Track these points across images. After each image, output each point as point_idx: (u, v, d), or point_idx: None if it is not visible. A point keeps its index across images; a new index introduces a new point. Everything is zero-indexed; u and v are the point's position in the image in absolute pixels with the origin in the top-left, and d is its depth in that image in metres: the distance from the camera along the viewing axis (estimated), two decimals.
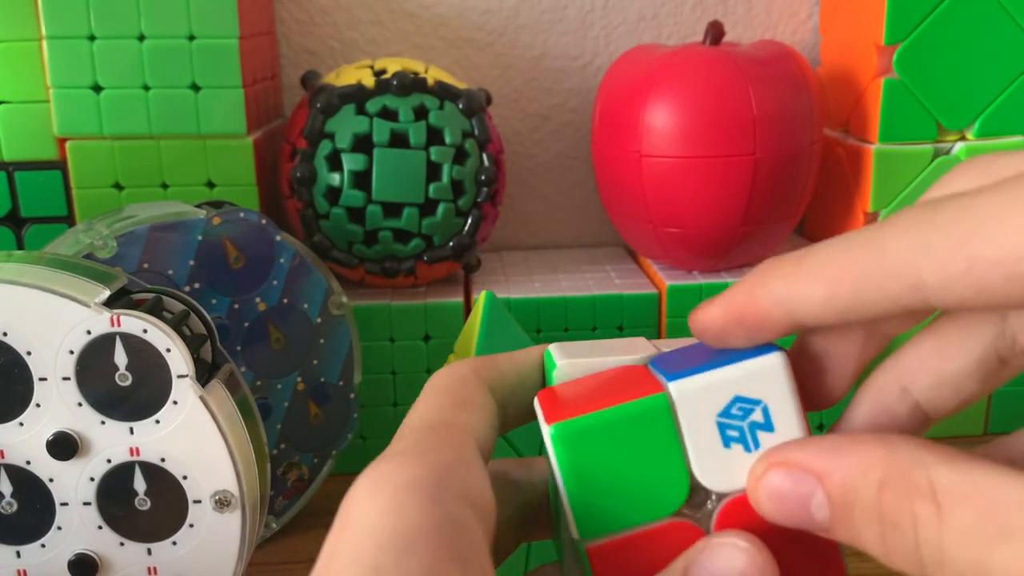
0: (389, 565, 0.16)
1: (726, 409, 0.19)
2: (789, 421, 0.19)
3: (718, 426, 0.19)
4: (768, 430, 0.19)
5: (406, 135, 0.42)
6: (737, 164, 0.43)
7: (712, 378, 0.19)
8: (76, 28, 0.41)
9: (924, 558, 0.16)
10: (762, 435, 0.19)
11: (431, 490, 0.18)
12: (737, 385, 0.19)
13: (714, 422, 0.19)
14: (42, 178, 0.43)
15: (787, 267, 0.19)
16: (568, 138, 0.55)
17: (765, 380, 0.19)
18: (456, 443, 0.20)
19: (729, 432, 0.20)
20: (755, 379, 0.19)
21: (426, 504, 0.17)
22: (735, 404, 0.19)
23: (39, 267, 0.30)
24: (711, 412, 0.19)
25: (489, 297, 0.36)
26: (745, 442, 0.20)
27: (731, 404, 0.19)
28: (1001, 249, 0.16)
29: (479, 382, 0.22)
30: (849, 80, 0.48)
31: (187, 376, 0.30)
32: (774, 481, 0.18)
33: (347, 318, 0.40)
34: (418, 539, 0.17)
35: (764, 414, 0.19)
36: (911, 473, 0.16)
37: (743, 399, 0.19)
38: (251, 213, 0.38)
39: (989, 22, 0.44)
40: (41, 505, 0.31)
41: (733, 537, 0.19)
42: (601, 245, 0.56)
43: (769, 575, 0.18)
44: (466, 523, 0.18)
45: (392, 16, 0.53)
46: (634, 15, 0.54)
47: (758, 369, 0.19)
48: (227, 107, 0.43)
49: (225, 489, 0.31)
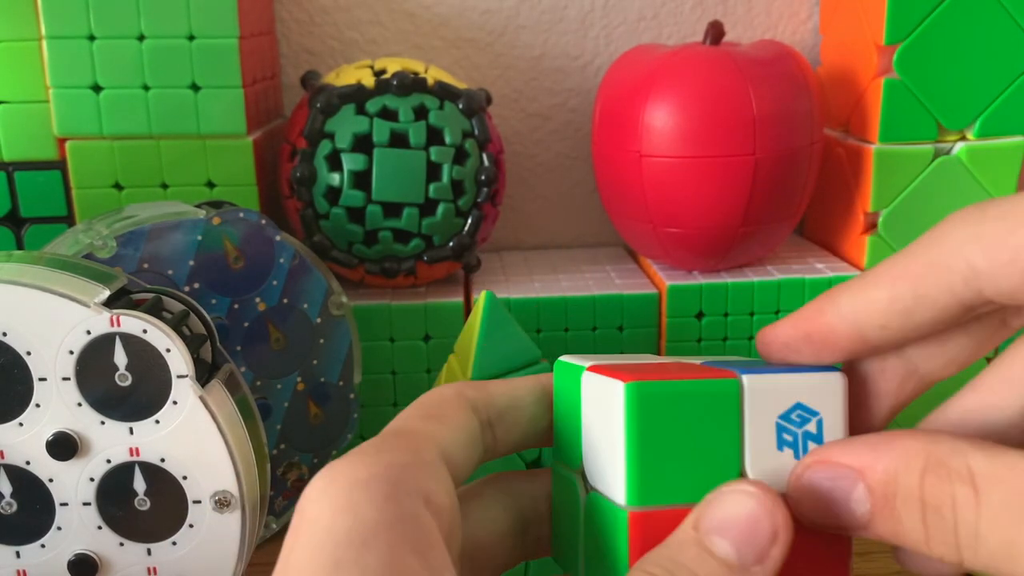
0: (348, 560, 0.17)
1: (787, 412, 0.20)
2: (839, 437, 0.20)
3: (776, 427, 0.20)
4: (818, 442, 0.20)
5: (406, 135, 0.42)
6: (737, 164, 0.43)
7: (781, 380, 0.20)
8: (76, 28, 0.41)
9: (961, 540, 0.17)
10: (812, 446, 0.20)
11: (386, 488, 0.18)
12: (801, 393, 0.20)
13: (774, 422, 0.20)
14: (42, 178, 0.43)
15: (854, 281, 0.20)
16: (568, 138, 0.55)
17: (826, 394, 0.20)
18: (414, 447, 0.20)
19: (785, 435, 0.20)
20: (818, 391, 0.20)
21: (380, 501, 0.18)
22: (796, 410, 0.20)
23: (39, 267, 0.30)
24: (774, 411, 0.20)
25: (489, 297, 0.36)
26: (796, 448, 0.20)
27: (792, 409, 0.20)
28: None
29: (460, 400, 0.22)
30: (849, 80, 0.48)
31: (187, 376, 0.30)
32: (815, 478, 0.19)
33: (347, 318, 0.40)
34: (375, 534, 0.17)
35: (818, 426, 0.20)
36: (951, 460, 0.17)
37: (804, 407, 0.20)
38: (251, 213, 0.38)
39: (989, 22, 0.44)
40: (41, 505, 0.31)
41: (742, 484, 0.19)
42: (601, 245, 0.56)
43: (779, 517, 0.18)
44: (421, 519, 0.18)
45: (392, 16, 0.53)
46: (634, 15, 0.54)
47: (822, 383, 0.20)
48: (227, 107, 0.43)
49: (225, 489, 0.31)
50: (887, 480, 0.18)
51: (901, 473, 0.18)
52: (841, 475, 0.19)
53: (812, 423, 0.20)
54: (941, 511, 0.17)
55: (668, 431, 0.20)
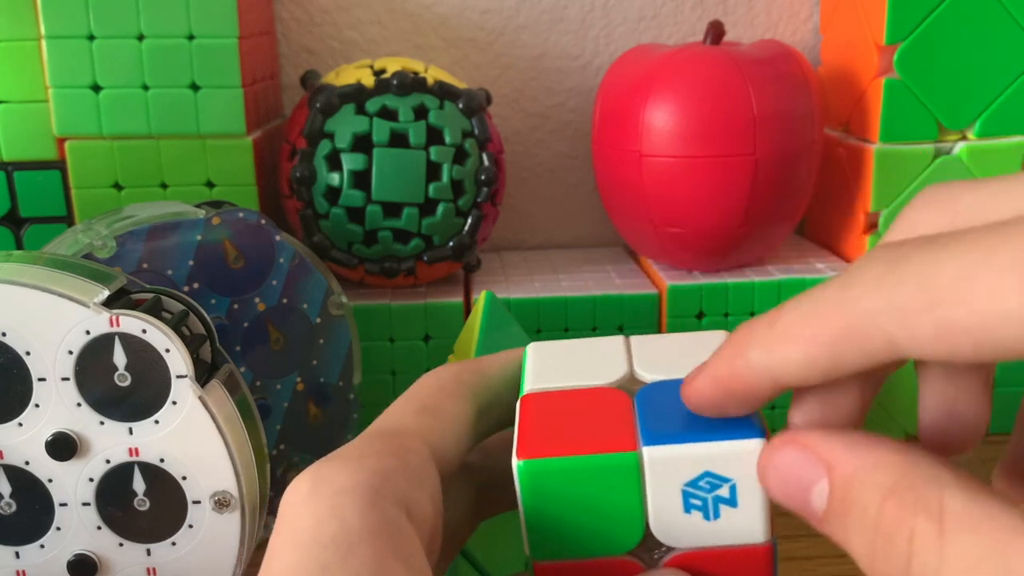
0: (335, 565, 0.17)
1: (694, 480, 0.20)
2: (756, 499, 0.19)
3: (683, 494, 0.20)
4: (731, 505, 0.20)
5: (406, 135, 0.42)
6: (737, 164, 0.43)
7: (687, 451, 0.19)
8: (75, 28, 0.41)
9: None
10: (724, 508, 0.20)
11: (369, 495, 0.18)
12: (711, 462, 0.19)
13: (680, 489, 0.20)
14: (41, 178, 0.43)
15: (760, 332, 0.18)
16: (568, 138, 0.55)
17: (740, 462, 0.19)
18: (401, 450, 0.20)
19: (692, 500, 0.20)
20: (730, 459, 0.19)
21: (364, 508, 0.18)
22: (704, 478, 0.20)
23: (38, 267, 0.30)
24: (679, 480, 0.20)
25: (489, 297, 0.36)
26: (706, 511, 0.20)
27: (700, 477, 0.20)
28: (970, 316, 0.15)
29: (459, 387, 0.22)
30: (849, 80, 0.48)
31: (186, 376, 0.29)
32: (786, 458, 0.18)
33: (347, 318, 0.40)
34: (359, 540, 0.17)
35: (731, 491, 0.20)
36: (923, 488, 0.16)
37: (713, 475, 0.19)
38: (251, 213, 0.38)
39: (989, 22, 0.44)
40: (40, 506, 0.31)
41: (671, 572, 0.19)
42: (601, 245, 0.56)
43: None
44: (402, 527, 0.18)
45: (392, 16, 0.53)
46: (634, 15, 0.54)
47: (736, 451, 0.19)
48: (227, 107, 0.43)
49: (224, 490, 0.31)
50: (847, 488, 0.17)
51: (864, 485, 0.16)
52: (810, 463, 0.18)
53: (724, 488, 0.19)
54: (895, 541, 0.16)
55: (567, 500, 0.20)
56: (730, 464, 0.19)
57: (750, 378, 0.19)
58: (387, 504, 0.18)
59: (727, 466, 0.19)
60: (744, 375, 0.19)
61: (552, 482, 0.20)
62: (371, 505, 0.18)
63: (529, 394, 0.22)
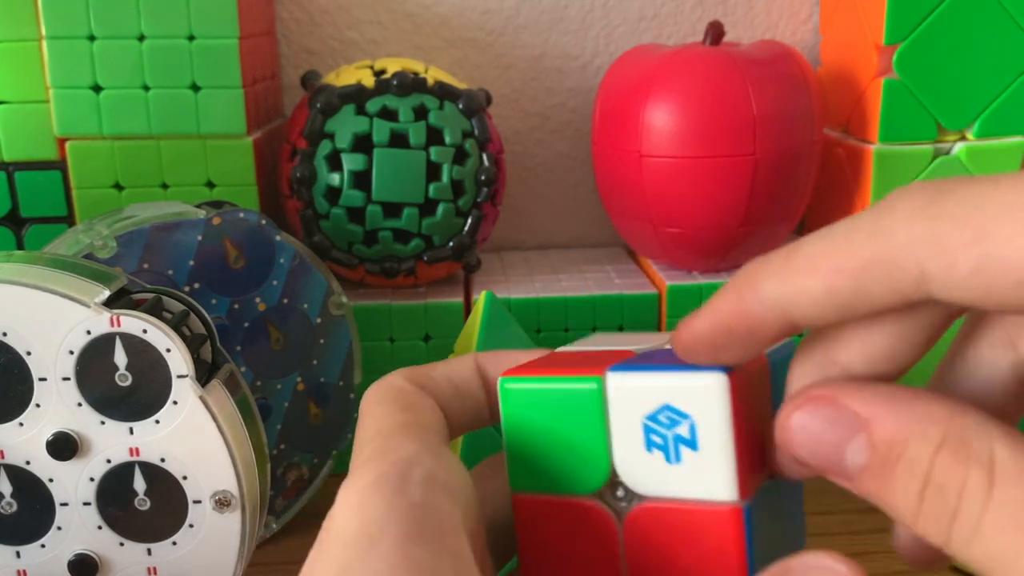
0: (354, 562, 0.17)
1: (654, 414, 0.19)
2: (718, 445, 0.19)
3: (644, 428, 0.19)
4: (692, 447, 0.19)
5: (406, 135, 0.42)
6: (737, 164, 0.43)
7: (648, 380, 0.19)
8: (76, 28, 0.41)
9: (956, 528, 0.15)
10: (685, 451, 0.19)
11: (394, 483, 0.18)
12: (669, 394, 0.19)
13: (640, 423, 0.19)
14: (42, 178, 0.43)
15: (776, 264, 0.17)
16: (568, 138, 0.55)
17: (699, 397, 0.19)
18: (415, 436, 0.20)
19: (653, 437, 0.19)
20: (689, 393, 0.19)
21: (388, 497, 0.18)
22: (664, 411, 0.19)
23: (39, 267, 0.30)
24: (640, 412, 0.19)
25: (489, 297, 0.36)
26: (667, 452, 0.19)
27: (660, 410, 0.19)
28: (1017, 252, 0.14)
29: (415, 388, 0.22)
30: (849, 80, 0.48)
31: (187, 376, 0.29)
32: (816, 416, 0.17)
33: (347, 318, 0.40)
34: (381, 532, 0.17)
35: (691, 431, 0.19)
36: (974, 440, 0.15)
37: (672, 409, 0.19)
38: (251, 213, 0.38)
39: (989, 22, 0.44)
40: (41, 505, 0.31)
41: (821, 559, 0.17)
42: (601, 245, 0.56)
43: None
44: (434, 505, 0.18)
45: (392, 16, 0.53)
46: (634, 15, 0.54)
47: (695, 385, 0.19)
48: (227, 107, 0.43)
49: (225, 489, 0.31)
50: (895, 441, 0.16)
51: (915, 439, 0.16)
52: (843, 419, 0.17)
53: (684, 426, 0.19)
54: (946, 492, 0.15)
55: (539, 425, 0.20)
56: (690, 398, 0.19)
57: (758, 312, 0.17)
58: (414, 486, 0.18)
59: (687, 400, 0.19)
60: (751, 309, 0.17)
61: (525, 403, 0.21)
62: (397, 492, 0.18)
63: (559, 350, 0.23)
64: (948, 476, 0.15)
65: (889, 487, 0.16)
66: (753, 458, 0.19)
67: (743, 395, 0.19)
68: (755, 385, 0.20)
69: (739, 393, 0.19)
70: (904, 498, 0.16)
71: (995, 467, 0.15)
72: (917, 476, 0.16)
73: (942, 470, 0.15)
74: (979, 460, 0.15)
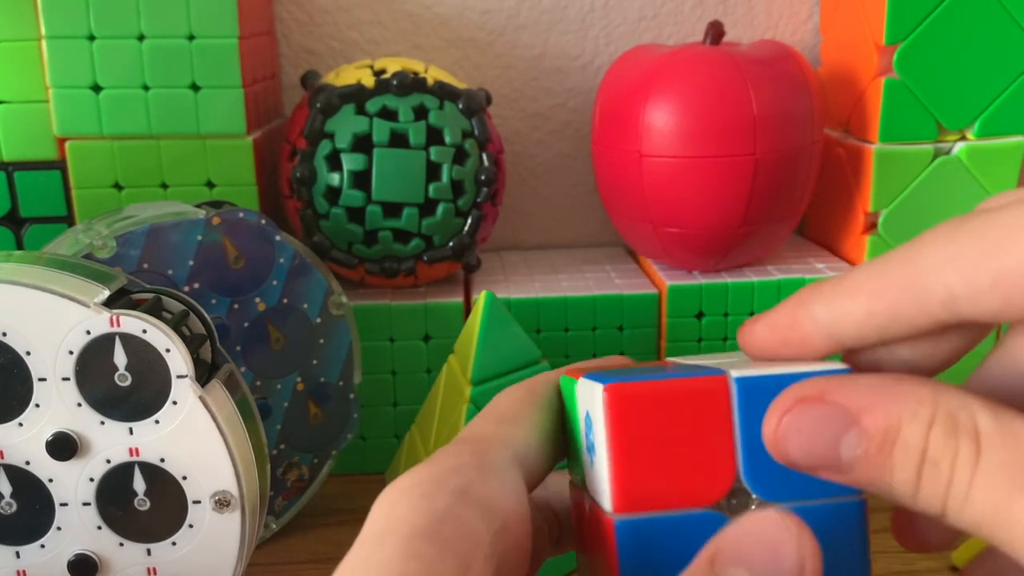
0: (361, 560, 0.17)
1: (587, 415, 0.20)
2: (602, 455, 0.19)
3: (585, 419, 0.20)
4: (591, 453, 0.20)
5: (406, 135, 0.42)
6: (737, 164, 0.43)
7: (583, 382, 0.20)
8: (76, 28, 0.41)
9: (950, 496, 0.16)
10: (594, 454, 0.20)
11: (426, 488, 0.18)
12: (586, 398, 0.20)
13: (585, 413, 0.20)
14: (42, 178, 0.43)
15: (827, 288, 0.20)
16: (568, 138, 0.55)
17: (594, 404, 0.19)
18: (478, 450, 0.20)
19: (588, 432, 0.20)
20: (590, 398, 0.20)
21: (417, 500, 0.18)
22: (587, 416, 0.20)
23: (38, 267, 0.30)
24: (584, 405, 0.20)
25: (489, 297, 0.36)
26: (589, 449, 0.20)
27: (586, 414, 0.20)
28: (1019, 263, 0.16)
29: (533, 397, 0.22)
30: (849, 80, 0.48)
31: (187, 376, 0.29)
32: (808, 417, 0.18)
33: (347, 318, 0.40)
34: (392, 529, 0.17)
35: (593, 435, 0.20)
36: (959, 414, 0.17)
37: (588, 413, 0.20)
38: (251, 213, 0.38)
39: (989, 22, 0.44)
40: (40, 505, 0.31)
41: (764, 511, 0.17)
42: (601, 245, 0.56)
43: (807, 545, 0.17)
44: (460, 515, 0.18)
45: (392, 16, 0.53)
46: (634, 15, 0.54)
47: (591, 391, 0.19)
48: (227, 107, 0.43)
49: (225, 489, 0.31)
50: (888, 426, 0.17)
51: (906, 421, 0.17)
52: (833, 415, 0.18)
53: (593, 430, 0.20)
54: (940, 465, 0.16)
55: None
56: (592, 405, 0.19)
57: (808, 329, 0.20)
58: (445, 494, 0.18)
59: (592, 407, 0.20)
60: (803, 325, 0.20)
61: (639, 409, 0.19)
62: (426, 497, 0.18)
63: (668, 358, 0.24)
64: (941, 450, 0.17)
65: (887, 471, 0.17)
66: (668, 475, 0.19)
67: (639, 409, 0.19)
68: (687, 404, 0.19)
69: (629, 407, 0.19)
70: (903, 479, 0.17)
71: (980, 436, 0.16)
72: (914, 455, 0.17)
73: (935, 446, 0.17)
74: (966, 431, 0.17)
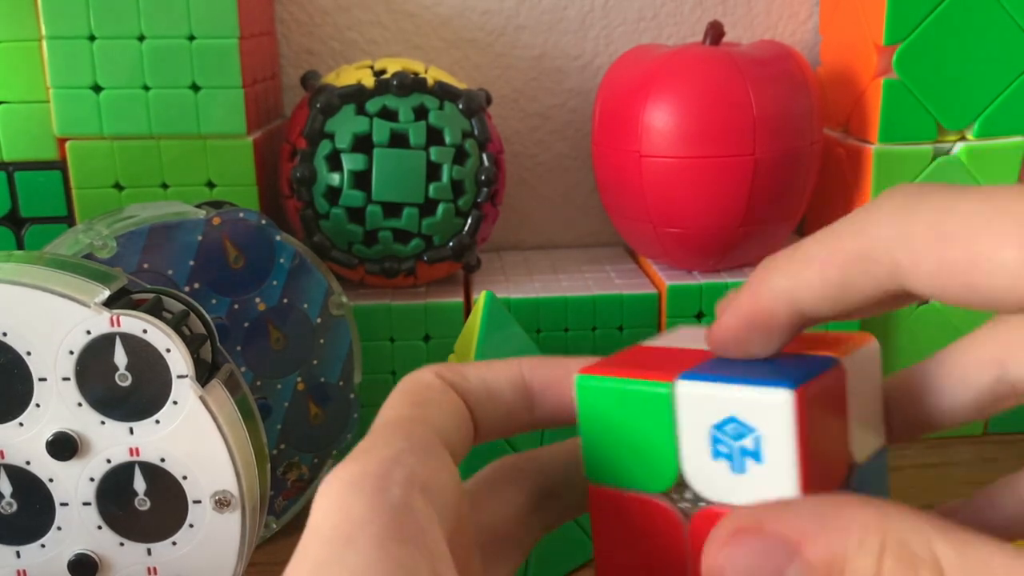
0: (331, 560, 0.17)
1: (721, 424, 0.20)
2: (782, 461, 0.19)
3: (711, 436, 0.20)
4: (756, 460, 0.19)
5: (406, 135, 0.42)
6: (737, 164, 0.43)
7: (717, 390, 0.20)
8: (76, 28, 0.41)
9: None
10: (750, 463, 0.19)
11: (375, 481, 0.18)
12: (737, 406, 0.19)
13: (708, 431, 0.20)
14: (42, 178, 0.43)
15: (783, 260, 0.20)
16: (568, 138, 0.55)
17: (767, 412, 0.19)
18: (407, 433, 0.20)
19: (720, 447, 0.20)
20: (756, 407, 0.19)
21: (371, 495, 0.18)
22: (730, 423, 0.19)
23: (39, 267, 0.30)
24: (707, 421, 0.20)
25: (489, 297, 0.36)
26: (732, 461, 0.19)
27: (726, 422, 0.19)
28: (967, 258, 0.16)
29: (443, 384, 0.22)
30: (849, 80, 0.48)
31: (187, 376, 0.29)
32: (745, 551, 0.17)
33: (347, 318, 0.40)
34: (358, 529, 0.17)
35: (756, 443, 0.19)
36: (913, 543, 0.15)
37: (738, 422, 0.19)
38: (251, 213, 0.38)
39: (989, 22, 0.44)
40: (41, 505, 0.31)
41: None
42: (601, 245, 0.56)
43: None
44: (413, 506, 0.18)
45: (392, 16, 0.53)
46: (634, 15, 0.54)
47: (763, 399, 0.19)
48: (227, 107, 0.43)
49: (225, 489, 0.31)
50: (834, 557, 0.16)
51: (853, 551, 0.16)
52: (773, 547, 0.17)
53: (749, 439, 0.19)
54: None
55: (611, 422, 0.21)
56: (757, 412, 0.19)
57: (771, 304, 0.19)
58: (395, 487, 0.18)
59: (754, 414, 0.19)
60: (765, 301, 0.20)
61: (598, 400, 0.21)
62: (378, 491, 0.18)
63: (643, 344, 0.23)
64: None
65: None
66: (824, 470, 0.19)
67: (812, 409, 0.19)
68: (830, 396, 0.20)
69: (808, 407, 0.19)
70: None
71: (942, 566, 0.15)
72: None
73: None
74: (924, 563, 0.15)
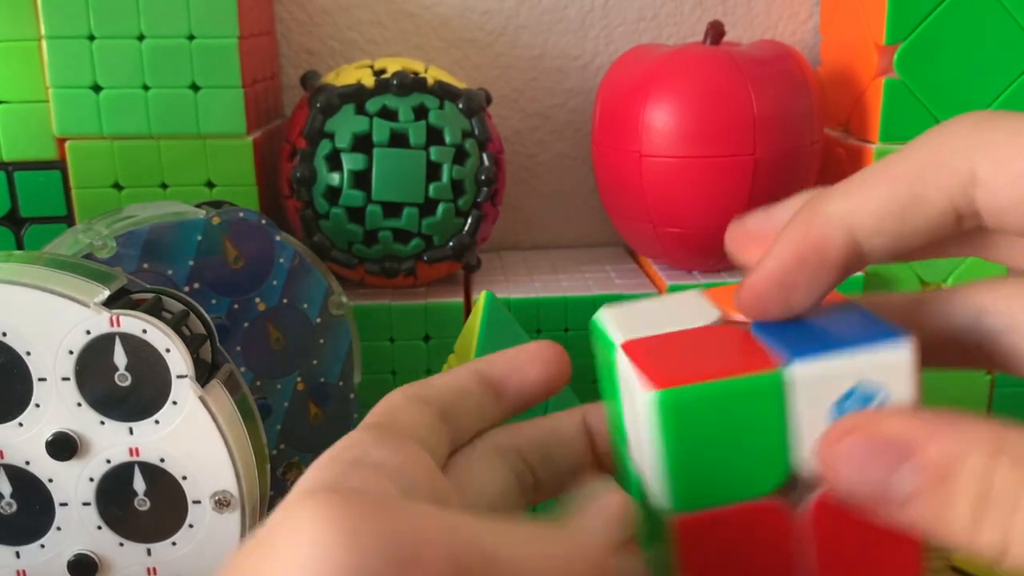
0: None
1: (844, 397, 0.18)
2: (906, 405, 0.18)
3: (832, 413, 0.18)
4: None
5: (406, 135, 0.42)
6: (737, 164, 0.43)
7: (836, 364, 0.18)
8: (75, 28, 0.41)
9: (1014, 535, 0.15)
10: None
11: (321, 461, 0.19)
12: (862, 373, 0.18)
13: (828, 409, 0.18)
14: (42, 178, 0.43)
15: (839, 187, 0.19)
16: (568, 138, 0.55)
17: (891, 370, 0.18)
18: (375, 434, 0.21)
19: None
20: (881, 368, 0.18)
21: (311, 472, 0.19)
22: (856, 391, 0.18)
23: (38, 267, 0.30)
24: (829, 398, 0.18)
25: (489, 297, 0.36)
26: None
27: (851, 392, 0.18)
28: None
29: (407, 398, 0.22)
30: (849, 80, 0.48)
31: (187, 376, 0.29)
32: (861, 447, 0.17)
33: (347, 318, 0.40)
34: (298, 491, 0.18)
35: (882, 403, 0.18)
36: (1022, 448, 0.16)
37: (863, 388, 0.18)
38: (251, 213, 0.38)
39: (989, 22, 0.44)
40: (40, 505, 0.31)
41: None
42: (601, 245, 0.56)
43: None
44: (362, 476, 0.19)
45: (392, 16, 0.53)
46: (634, 15, 0.54)
47: (887, 358, 0.18)
48: (227, 107, 0.43)
49: (225, 489, 0.31)
50: (948, 460, 0.16)
51: (969, 454, 0.16)
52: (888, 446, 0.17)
53: (875, 402, 0.18)
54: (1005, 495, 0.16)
55: (709, 433, 0.18)
56: (880, 374, 0.18)
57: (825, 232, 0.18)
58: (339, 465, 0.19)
59: (877, 376, 0.18)
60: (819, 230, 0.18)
61: (693, 413, 0.18)
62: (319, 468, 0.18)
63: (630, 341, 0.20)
64: (1007, 482, 0.16)
65: (943, 507, 0.16)
66: None
67: None
68: None
69: None
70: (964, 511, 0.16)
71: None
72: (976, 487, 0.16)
73: (1002, 477, 0.16)
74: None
